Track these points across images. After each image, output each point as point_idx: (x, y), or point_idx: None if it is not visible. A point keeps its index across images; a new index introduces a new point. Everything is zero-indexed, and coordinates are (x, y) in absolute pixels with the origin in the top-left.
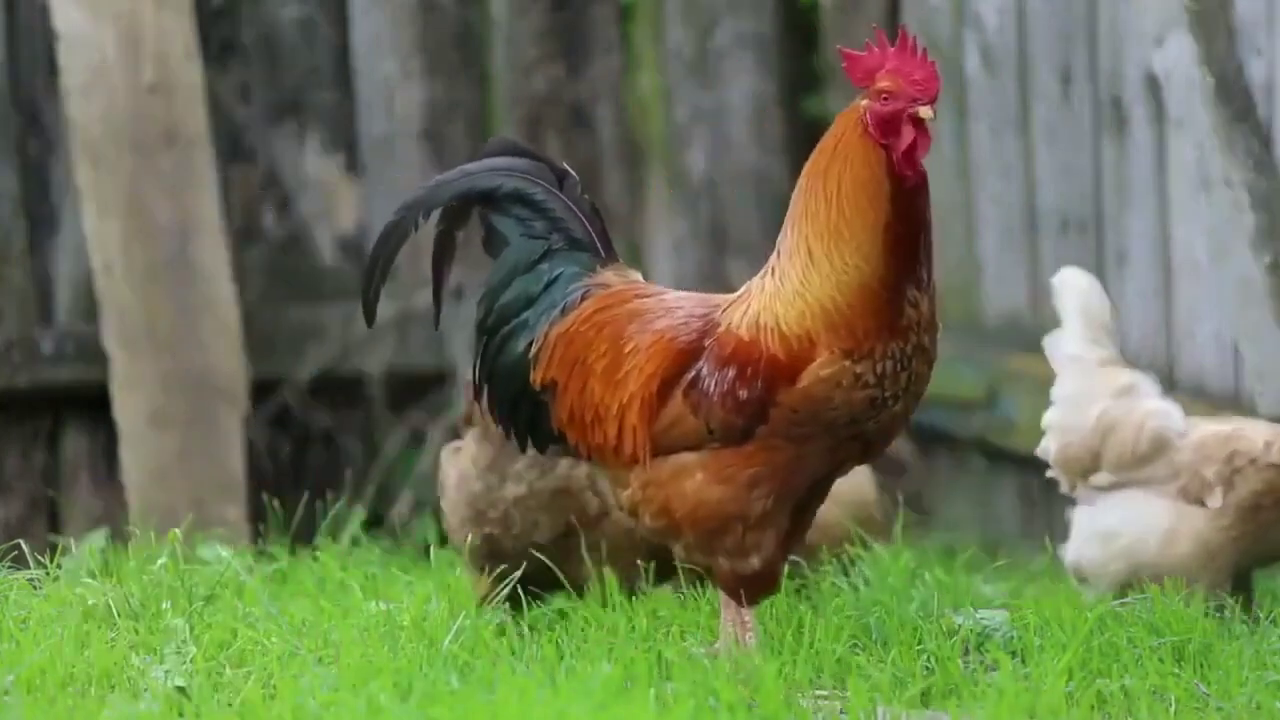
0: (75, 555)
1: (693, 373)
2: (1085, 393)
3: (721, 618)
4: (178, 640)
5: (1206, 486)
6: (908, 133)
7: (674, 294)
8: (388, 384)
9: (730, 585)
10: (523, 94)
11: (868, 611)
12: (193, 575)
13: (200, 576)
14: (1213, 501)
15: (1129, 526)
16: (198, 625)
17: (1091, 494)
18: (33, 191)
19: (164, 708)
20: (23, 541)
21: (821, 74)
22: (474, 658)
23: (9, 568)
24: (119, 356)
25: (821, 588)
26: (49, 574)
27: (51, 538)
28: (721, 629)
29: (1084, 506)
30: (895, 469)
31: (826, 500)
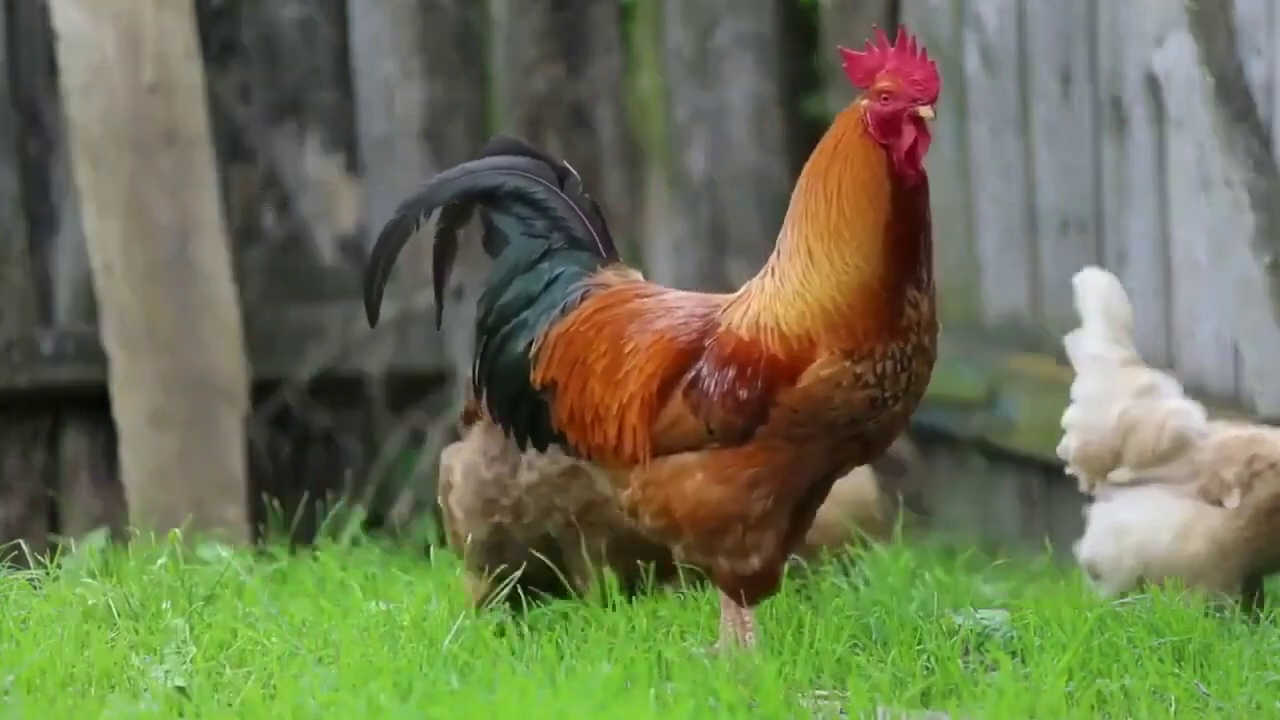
0: (75, 555)
1: (693, 373)
2: (1106, 392)
3: (721, 618)
4: (178, 640)
5: (1225, 487)
6: (908, 132)
7: (674, 294)
8: (388, 384)
9: (730, 585)
10: (523, 94)
11: (868, 611)
12: (193, 575)
13: (200, 576)
14: (1230, 502)
15: (1143, 522)
16: (198, 625)
17: (1109, 491)
18: (33, 191)
19: (164, 708)
20: (23, 541)
21: (821, 74)
22: (474, 658)
23: (9, 568)
24: (119, 356)
25: (821, 588)
26: (49, 574)
27: (51, 538)
28: (721, 629)
29: (1101, 504)
30: (895, 469)
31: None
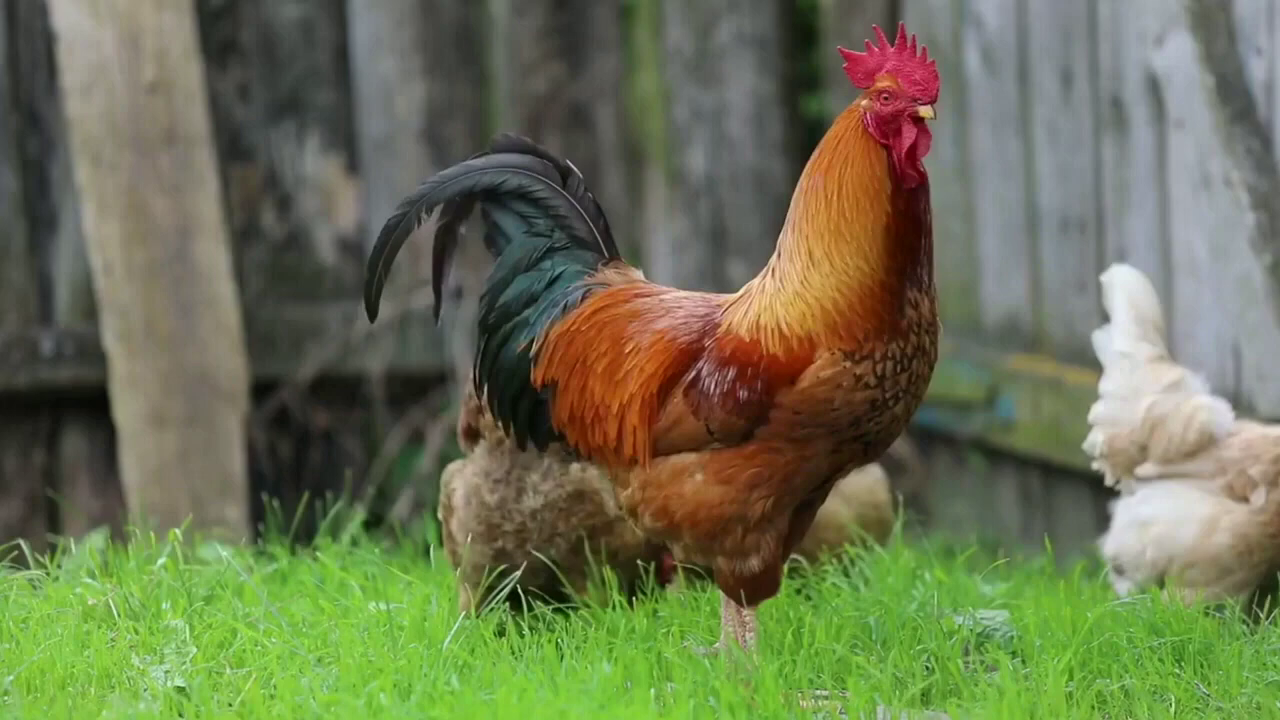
0: (75, 555)
1: (693, 373)
2: (1134, 388)
3: (722, 618)
4: (178, 640)
5: (1251, 484)
6: (908, 132)
7: (674, 293)
8: (388, 384)
9: (730, 586)
10: (523, 94)
11: (868, 611)
12: (193, 575)
13: (200, 576)
14: (1256, 499)
15: (1166, 515)
16: (198, 625)
17: (1134, 486)
18: (32, 191)
19: (164, 708)
20: (23, 541)
21: (821, 74)
22: (474, 658)
23: (9, 568)
24: (119, 356)
25: (821, 588)
26: (49, 574)
27: (51, 538)
28: (722, 629)
29: (1125, 498)
30: (895, 469)
31: (839, 500)
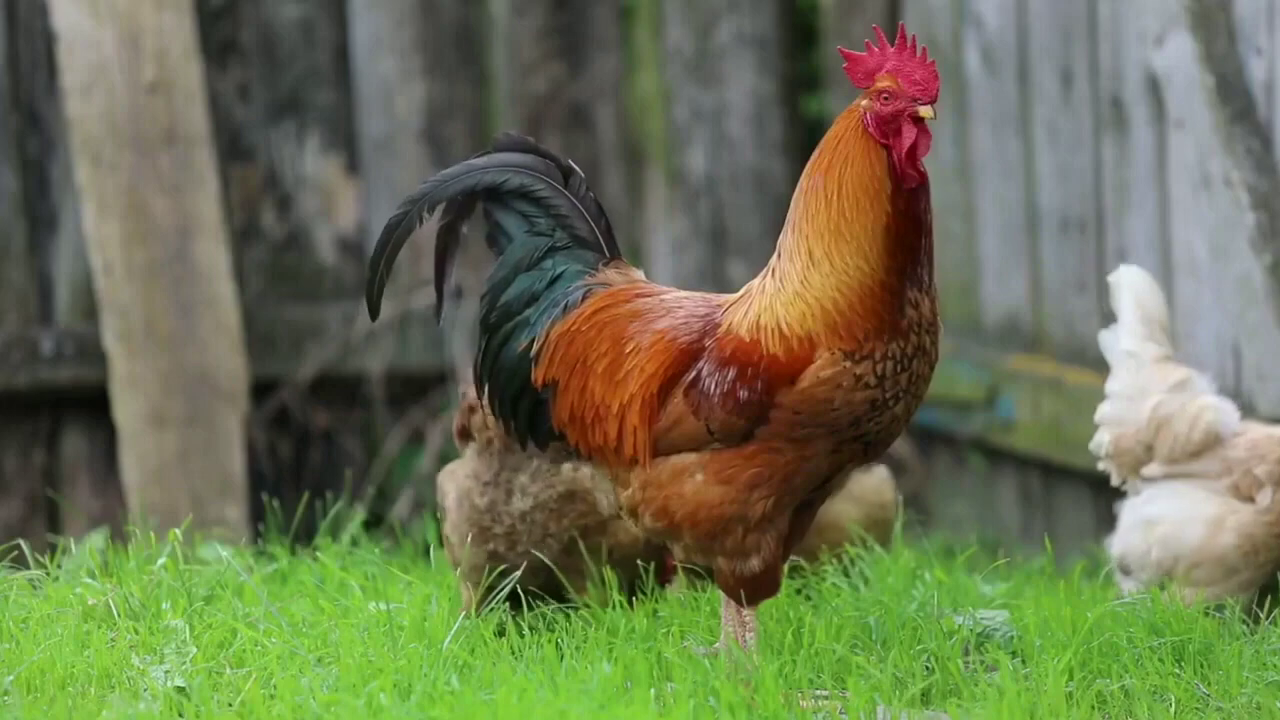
0: (75, 555)
1: (693, 373)
2: (1140, 387)
3: (722, 618)
4: (178, 640)
5: (1257, 484)
6: (908, 132)
7: (675, 293)
8: (388, 384)
9: (730, 586)
10: (523, 94)
11: (868, 611)
12: (193, 575)
13: (200, 576)
14: (1262, 498)
15: (1171, 514)
16: (198, 625)
17: (1139, 486)
18: (32, 191)
19: (164, 708)
20: (23, 541)
21: (821, 74)
22: (474, 658)
23: (9, 568)
24: (119, 356)
25: (821, 588)
26: (49, 574)
27: (51, 538)
28: (722, 629)
29: (1131, 499)
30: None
31: (847, 501)
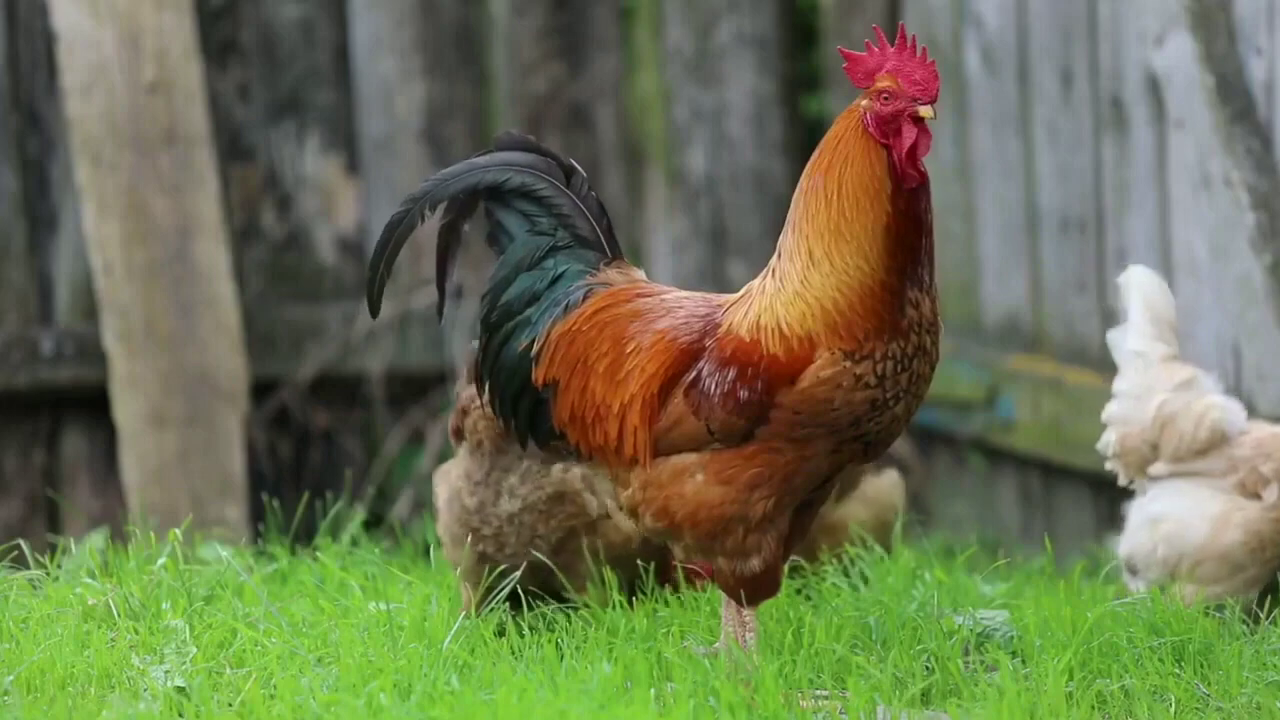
0: (75, 555)
1: (694, 373)
2: (1147, 387)
3: (722, 618)
4: (178, 640)
5: (1262, 481)
6: (909, 132)
7: (675, 293)
8: (388, 384)
9: (730, 586)
10: (523, 94)
11: (868, 611)
12: (193, 575)
13: (200, 576)
14: (1268, 496)
15: (1177, 512)
16: (198, 625)
17: (1146, 486)
18: (32, 191)
19: (164, 708)
20: (23, 541)
21: (821, 74)
22: (474, 658)
23: (9, 568)
24: (119, 356)
25: (821, 588)
26: (49, 574)
27: (51, 538)
28: (722, 629)
29: (1138, 499)
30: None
31: (857, 503)
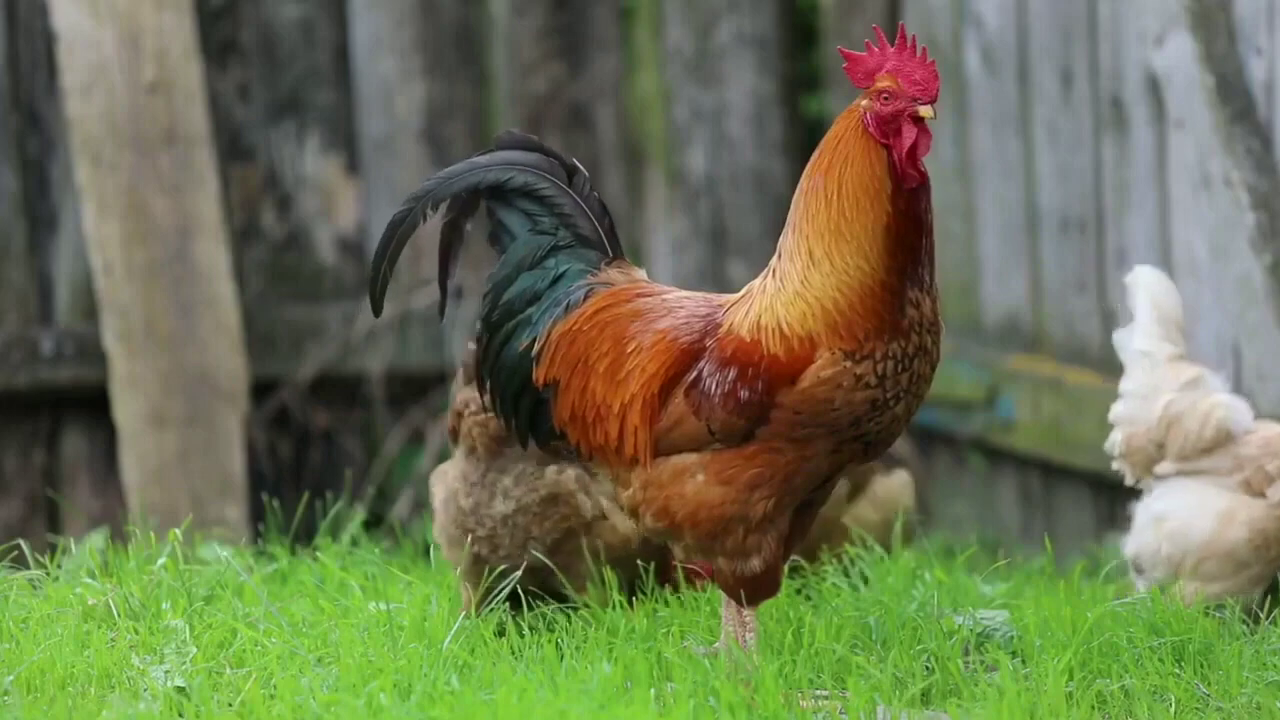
0: (75, 555)
1: (694, 373)
2: (1153, 386)
3: (722, 618)
4: (178, 640)
5: (1268, 479)
6: (909, 132)
7: (676, 293)
8: (388, 384)
9: (731, 586)
10: (523, 94)
11: (868, 611)
12: (193, 575)
13: (200, 576)
14: (1273, 493)
15: (1181, 509)
16: (198, 625)
17: (1153, 485)
18: (32, 191)
19: (164, 708)
20: (23, 541)
21: (821, 74)
22: (474, 658)
23: (9, 568)
24: (119, 356)
25: (821, 588)
26: (49, 574)
27: (51, 538)
28: (722, 629)
29: (1144, 498)
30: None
31: (866, 504)
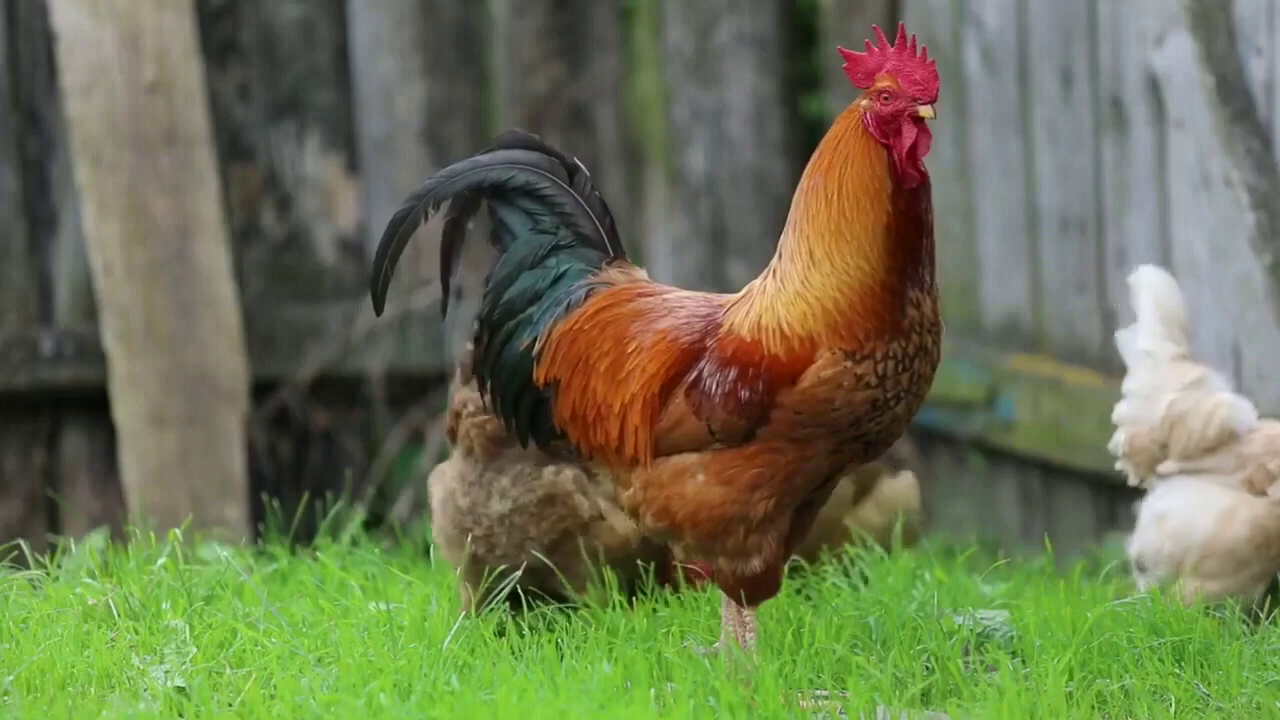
0: (75, 555)
1: (695, 373)
2: (1156, 386)
3: (722, 618)
4: (178, 640)
5: (1270, 477)
6: (909, 132)
7: (677, 293)
8: (388, 384)
9: (731, 586)
10: (523, 94)
11: (868, 611)
12: (193, 575)
13: (200, 576)
14: (1275, 491)
15: (1183, 508)
16: (198, 625)
17: (1156, 485)
18: (32, 191)
19: (164, 708)
20: (23, 541)
21: (821, 74)
22: (474, 658)
23: (9, 568)
24: (119, 356)
25: (821, 588)
26: (49, 574)
27: (51, 538)
28: (722, 629)
29: (1148, 498)
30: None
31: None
